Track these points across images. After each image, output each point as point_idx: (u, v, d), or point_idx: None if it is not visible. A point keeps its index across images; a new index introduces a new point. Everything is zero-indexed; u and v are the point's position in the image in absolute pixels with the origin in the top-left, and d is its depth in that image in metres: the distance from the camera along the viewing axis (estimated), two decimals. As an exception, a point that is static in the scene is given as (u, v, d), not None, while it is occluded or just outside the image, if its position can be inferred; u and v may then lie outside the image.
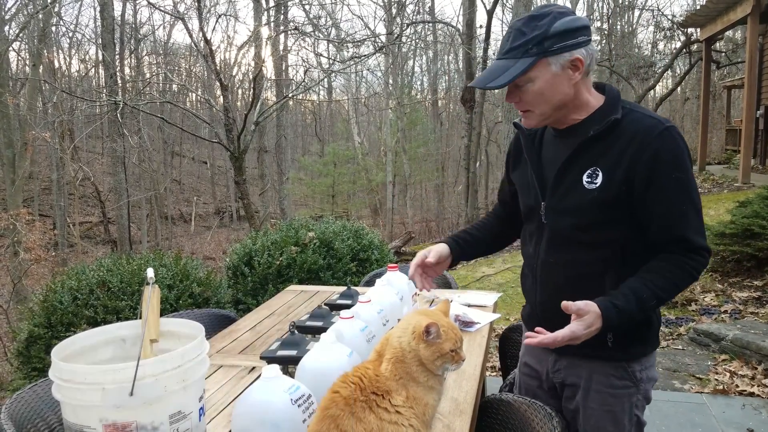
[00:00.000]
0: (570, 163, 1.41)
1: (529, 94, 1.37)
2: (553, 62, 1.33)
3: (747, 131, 9.42)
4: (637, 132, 1.34)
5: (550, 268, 1.48)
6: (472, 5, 12.50)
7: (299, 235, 4.47)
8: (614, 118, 1.36)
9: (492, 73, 1.35)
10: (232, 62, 19.64)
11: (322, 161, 21.13)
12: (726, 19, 10.08)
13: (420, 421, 1.21)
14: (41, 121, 15.28)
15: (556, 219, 1.45)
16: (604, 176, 1.36)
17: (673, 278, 1.35)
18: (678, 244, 1.35)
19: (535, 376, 1.65)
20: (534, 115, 1.41)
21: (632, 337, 1.44)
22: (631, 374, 1.46)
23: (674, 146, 1.33)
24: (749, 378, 3.57)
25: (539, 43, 1.31)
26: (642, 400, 1.49)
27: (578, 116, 1.42)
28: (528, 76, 1.34)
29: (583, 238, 1.42)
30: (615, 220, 1.38)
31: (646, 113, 1.39)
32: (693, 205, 1.35)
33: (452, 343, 1.27)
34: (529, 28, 1.33)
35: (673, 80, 20.39)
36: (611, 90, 1.45)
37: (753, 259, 5.08)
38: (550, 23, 1.32)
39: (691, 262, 1.35)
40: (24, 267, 10.93)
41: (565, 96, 1.38)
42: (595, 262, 1.41)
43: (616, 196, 1.35)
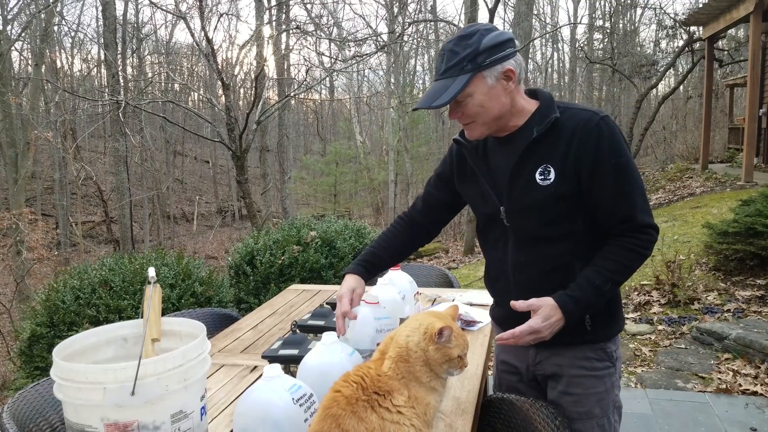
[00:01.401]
0: (520, 165, 1.48)
1: (470, 108, 1.44)
2: (487, 75, 1.41)
3: (750, 129, 9.39)
4: (576, 126, 1.42)
5: (521, 267, 1.53)
6: (474, 4, 12.48)
7: (301, 234, 4.47)
8: (554, 117, 1.44)
9: (434, 94, 1.42)
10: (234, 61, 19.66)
11: (324, 160, 21.14)
12: (728, 18, 10.05)
13: (421, 421, 1.21)
14: (44, 120, 15.31)
15: (519, 220, 1.51)
16: (556, 172, 1.43)
17: (623, 260, 1.43)
18: (624, 223, 1.43)
19: (514, 372, 1.69)
20: (477, 126, 1.48)
21: (606, 316, 1.52)
22: (609, 354, 1.55)
23: (611, 134, 1.41)
24: (752, 377, 3.56)
25: (472, 59, 1.39)
26: (617, 379, 1.58)
27: (517, 122, 1.50)
28: (467, 92, 1.41)
29: (547, 233, 1.48)
30: (574, 211, 1.45)
31: (580, 107, 1.48)
32: (635, 186, 1.42)
33: (461, 349, 1.29)
34: (460, 47, 1.40)
35: (676, 79, 20.33)
36: (544, 93, 1.53)
37: (756, 257, 5.06)
38: (479, 40, 1.40)
39: (638, 242, 1.42)
40: (27, 266, 10.96)
41: (503, 105, 1.46)
42: (563, 254, 1.48)
43: (571, 188, 1.43)
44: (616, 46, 17.61)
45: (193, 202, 26.10)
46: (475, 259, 10.43)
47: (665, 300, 4.95)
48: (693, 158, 14.56)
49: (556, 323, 1.39)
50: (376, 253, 1.78)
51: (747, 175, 9.49)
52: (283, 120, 17.61)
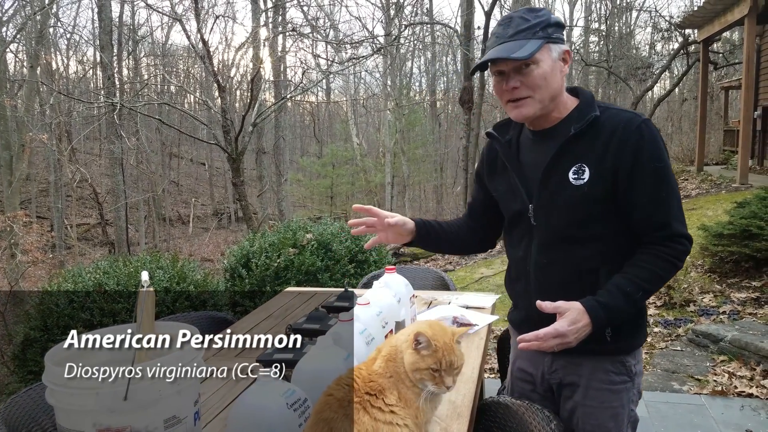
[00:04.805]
0: (555, 162, 1.43)
1: (534, 77, 1.37)
2: (553, 49, 1.38)
3: (745, 132, 9.42)
4: (617, 126, 1.38)
5: (544, 268, 1.48)
6: (470, 6, 12.51)
7: (297, 236, 4.46)
8: (594, 115, 1.39)
9: (511, 48, 1.36)
10: (230, 64, 19.64)
11: (321, 162, 21.13)
12: (723, 20, 10.09)
13: (414, 423, 1.20)
14: (39, 122, 15.27)
15: (547, 219, 1.46)
16: (591, 171, 1.39)
17: (656, 269, 1.37)
18: (659, 231, 1.38)
19: (529, 380, 1.64)
20: (533, 103, 1.40)
21: (627, 330, 1.46)
22: (628, 368, 1.48)
23: (652, 138, 1.37)
24: (748, 379, 3.57)
25: (543, 28, 1.37)
26: (636, 394, 1.52)
27: (560, 115, 1.45)
28: (536, 57, 1.36)
29: (576, 234, 1.43)
30: (605, 213, 1.40)
31: (621, 109, 1.43)
32: (672, 194, 1.38)
33: (433, 361, 1.20)
34: (531, 16, 1.38)
35: (671, 81, 20.41)
36: (585, 91, 1.49)
37: (751, 259, 5.07)
38: (548, 14, 1.40)
39: (673, 251, 1.37)
40: (21, 269, 10.90)
41: (559, 87, 1.42)
42: (589, 257, 1.42)
43: (606, 190, 1.38)
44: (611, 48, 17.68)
45: (189, 205, 26.03)
46: (472, 261, 10.43)
47: (661, 302, 4.95)
48: (688, 160, 14.60)
49: (583, 329, 1.33)
50: (440, 224, 1.74)
51: (742, 177, 9.52)
52: (279, 122, 17.61)
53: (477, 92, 11.97)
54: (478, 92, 12.07)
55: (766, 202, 5.01)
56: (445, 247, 1.80)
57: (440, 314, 2.32)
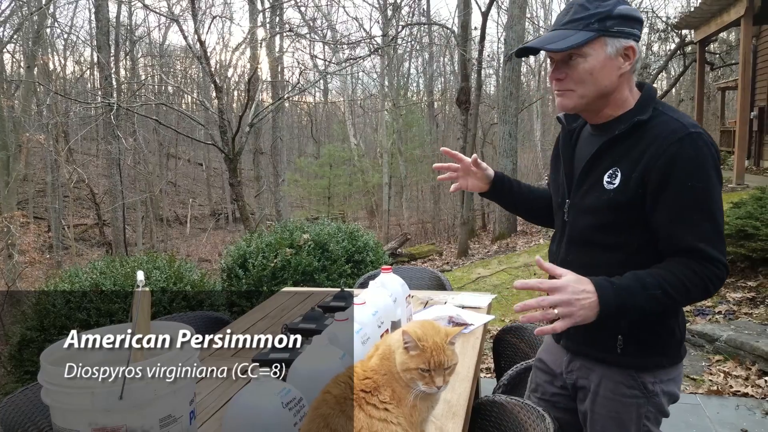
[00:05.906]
0: (594, 161, 1.39)
1: (578, 71, 1.32)
2: (609, 44, 1.31)
3: (741, 132, 9.45)
4: (658, 135, 1.29)
5: (568, 267, 1.40)
6: (467, 7, 12.52)
7: (294, 237, 4.47)
8: (638, 119, 1.32)
9: (551, 38, 1.32)
10: (227, 64, 19.63)
11: (318, 163, 21.11)
12: (720, 21, 10.12)
13: (408, 421, 1.21)
14: (36, 123, 15.24)
15: (576, 218, 1.44)
16: (621, 178, 1.33)
17: (684, 279, 1.25)
18: (685, 254, 1.27)
19: (549, 372, 1.64)
20: (574, 96, 1.36)
21: (645, 346, 1.38)
22: (642, 384, 1.41)
23: (695, 153, 1.26)
24: (743, 378, 3.58)
25: (601, 20, 1.29)
26: (654, 412, 1.44)
27: (614, 113, 1.38)
28: (583, 51, 1.31)
29: (599, 238, 1.38)
30: (630, 222, 1.34)
31: (676, 117, 1.32)
32: (707, 216, 1.27)
33: (422, 361, 1.20)
34: (592, 5, 1.31)
35: (668, 82, 20.46)
36: (648, 90, 1.40)
37: (747, 259, 5.08)
38: (615, 5, 1.31)
39: (705, 270, 1.26)
40: (18, 269, 10.88)
41: (610, 84, 1.34)
42: (611, 264, 1.34)
43: (631, 199, 1.31)
44: (608, 49, 17.65)
45: (187, 205, 25.99)
46: (469, 261, 10.45)
47: (657, 302, 4.96)
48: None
49: (586, 300, 1.21)
50: (522, 184, 1.72)
51: (738, 177, 9.55)
52: (276, 122, 17.60)
53: (474, 93, 11.98)
54: (475, 93, 12.07)
55: (761, 203, 5.02)
56: (521, 208, 1.76)
57: (436, 314, 2.33)
